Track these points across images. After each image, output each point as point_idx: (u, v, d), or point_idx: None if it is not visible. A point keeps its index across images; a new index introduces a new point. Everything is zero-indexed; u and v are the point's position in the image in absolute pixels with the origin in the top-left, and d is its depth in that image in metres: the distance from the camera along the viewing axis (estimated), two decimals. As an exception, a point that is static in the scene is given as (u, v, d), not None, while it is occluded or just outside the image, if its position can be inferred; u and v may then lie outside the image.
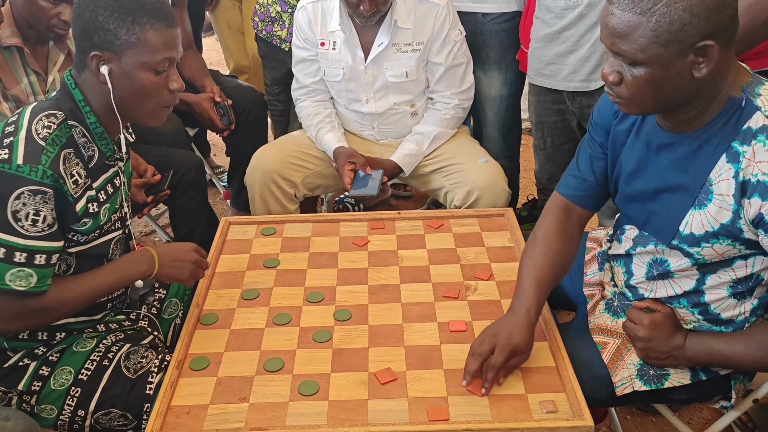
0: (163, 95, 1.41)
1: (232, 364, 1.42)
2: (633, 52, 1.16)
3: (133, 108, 1.42)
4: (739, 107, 1.21)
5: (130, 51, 1.35)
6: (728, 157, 1.22)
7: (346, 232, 1.90)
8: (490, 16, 2.32)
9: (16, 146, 1.31)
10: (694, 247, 1.29)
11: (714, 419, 1.69)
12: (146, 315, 1.66)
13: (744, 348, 1.28)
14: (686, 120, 1.26)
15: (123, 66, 1.36)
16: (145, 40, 1.35)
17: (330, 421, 1.28)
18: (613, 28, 1.17)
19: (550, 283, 1.44)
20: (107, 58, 1.36)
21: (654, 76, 1.17)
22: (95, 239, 1.46)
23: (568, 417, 1.27)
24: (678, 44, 1.13)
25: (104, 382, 1.44)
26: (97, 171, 1.45)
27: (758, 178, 1.18)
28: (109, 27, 1.34)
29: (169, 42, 1.38)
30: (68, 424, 1.45)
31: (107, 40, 1.34)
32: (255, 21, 2.72)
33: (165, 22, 1.37)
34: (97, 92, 1.41)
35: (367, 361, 1.42)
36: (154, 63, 1.37)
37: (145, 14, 1.35)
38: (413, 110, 2.33)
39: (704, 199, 1.26)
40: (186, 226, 2.40)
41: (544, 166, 2.33)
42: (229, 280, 1.71)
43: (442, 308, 1.57)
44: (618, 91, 1.23)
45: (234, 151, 2.83)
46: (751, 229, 1.22)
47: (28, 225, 1.30)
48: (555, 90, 2.15)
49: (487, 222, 1.92)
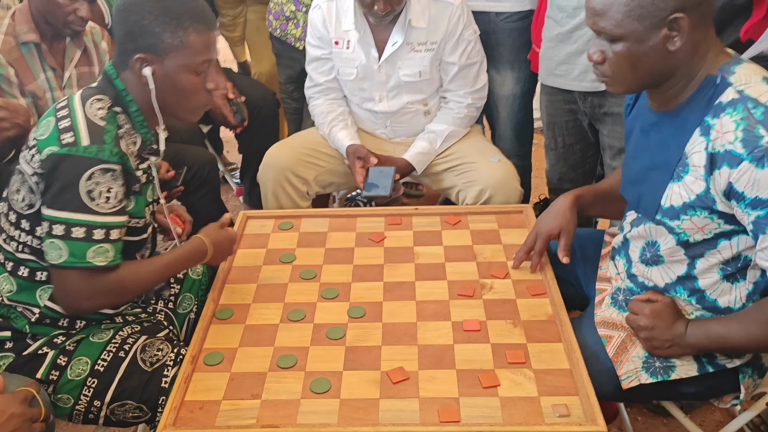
0: (201, 95, 1.46)
1: (245, 360, 1.43)
2: (611, 28, 1.27)
3: (173, 107, 1.47)
4: (715, 84, 1.29)
5: (172, 53, 1.39)
6: (701, 130, 1.29)
7: (362, 228, 1.90)
8: (504, 15, 2.32)
9: (77, 129, 1.36)
10: (674, 221, 1.35)
11: (726, 422, 1.68)
12: (162, 309, 1.67)
13: (740, 327, 1.30)
14: (668, 98, 1.35)
15: (165, 68, 1.40)
16: (188, 42, 1.39)
17: (341, 421, 1.28)
18: (592, 8, 1.29)
19: (611, 187, 1.66)
20: (150, 60, 1.39)
21: (631, 50, 1.28)
22: (145, 231, 1.52)
23: (580, 421, 1.26)
24: (650, 18, 1.24)
25: (120, 374, 1.46)
26: (139, 158, 1.49)
27: (725, 148, 1.23)
28: (154, 30, 1.37)
29: (210, 44, 1.43)
30: (83, 414, 1.46)
31: (152, 43, 1.38)
32: (270, 20, 2.73)
33: (206, 24, 1.41)
34: (137, 91, 1.44)
35: (380, 359, 1.42)
36: (195, 65, 1.41)
37: (188, 18, 1.39)
38: (426, 109, 2.33)
39: (681, 172, 1.33)
40: (199, 222, 2.39)
41: (555, 166, 2.33)
42: (246, 274, 1.71)
43: (457, 307, 1.56)
44: (603, 70, 1.34)
45: (246, 149, 2.84)
46: (723, 201, 1.27)
47: (103, 202, 1.36)
48: (566, 90, 2.14)
49: (505, 219, 1.91)
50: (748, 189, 1.21)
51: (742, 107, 1.23)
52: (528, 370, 1.37)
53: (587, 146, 2.24)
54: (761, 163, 1.19)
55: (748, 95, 1.24)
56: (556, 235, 1.62)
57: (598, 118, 2.10)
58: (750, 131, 1.20)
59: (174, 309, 1.71)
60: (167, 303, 1.70)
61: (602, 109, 2.07)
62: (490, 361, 1.40)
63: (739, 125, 1.22)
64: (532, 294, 1.59)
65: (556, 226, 1.62)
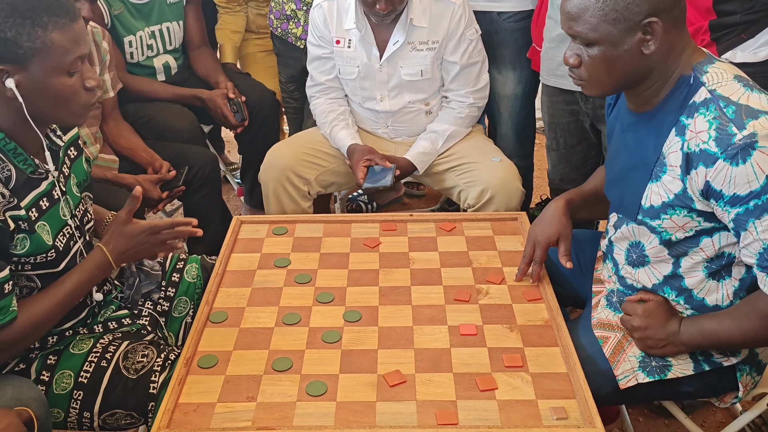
0: (81, 96, 1.30)
1: (240, 363, 1.43)
2: (586, 33, 1.28)
3: (51, 115, 1.31)
4: (688, 84, 1.31)
5: (36, 58, 1.21)
6: (677, 130, 1.31)
7: (357, 233, 1.90)
8: (506, 14, 2.31)
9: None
10: (655, 220, 1.36)
11: (728, 422, 1.68)
12: (149, 313, 1.64)
13: (731, 322, 1.31)
14: (645, 99, 1.36)
15: (31, 75, 1.23)
16: (51, 42, 1.21)
17: (337, 423, 1.28)
18: (568, 12, 1.30)
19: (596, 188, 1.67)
20: (11, 71, 1.22)
21: (606, 54, 1.29)
22: (62, 261, 1.39)
23: (578, 424, 1.26)
24: (625, 22, 1.25)
25: (105, 385, 1.43)
26: (22, 189, 1.32)
27: (700, 147, 1.25)
28: (7, 36, 1.19)
29: (77, 38, 1.25)
30: (77, 423, 1.45)
31: (8, 50, 1.20)
32: (270, 19, 2.73)
33: (68, 17, 1.24)
34: (5, 108, 1.27)
35: (376, 363, 1.42)
36: (65, 65, 1.24)
37: (44, 13, 1.21)
38: (427, 108, 2.33)
39: (659, 172, 1.34)
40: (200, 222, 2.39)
41: (556, 167, 2.32)
42: (240, 278, 1.71)
43: (453, 311, 1.56)
44: (579, 73, 1.36)
45: (246, 149, 2.84)
46: (701, 200, 1.28)
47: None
48: (568, 90, 2.13)
49: (500, 225, 1.91)
50: (726, 187, 1.22)
51: (714, 107, 1.25)
52: (525, 374, 1.37)
53: (589, 147, 2.23)
54: (735, 160, 1.20)
55: (720, 94, 1.25)
56: (554, 242, 1.61)
57: (600, 119, 2.09)
58: (723, 130, 1.22)
59: (169, 312, 1.69)
60: (157, 306, 1.67)
61: (603, 110, 2.05)
62: (487, 364, 1.40)
63: (712, 124, 1.24)
64: (528, 299, 1.59)
65: (554, 232, 1.61)
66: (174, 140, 2.44)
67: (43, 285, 1.39)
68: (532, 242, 1.63)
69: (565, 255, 1.60)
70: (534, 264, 1.62)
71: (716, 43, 1.78)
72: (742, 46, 1.77)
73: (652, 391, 1.45)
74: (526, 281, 1.65)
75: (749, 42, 1.76)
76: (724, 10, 1.75)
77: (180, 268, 1.76)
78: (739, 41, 1.77)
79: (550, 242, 1.61)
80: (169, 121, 2.48)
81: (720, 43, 1.78)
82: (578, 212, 1.67)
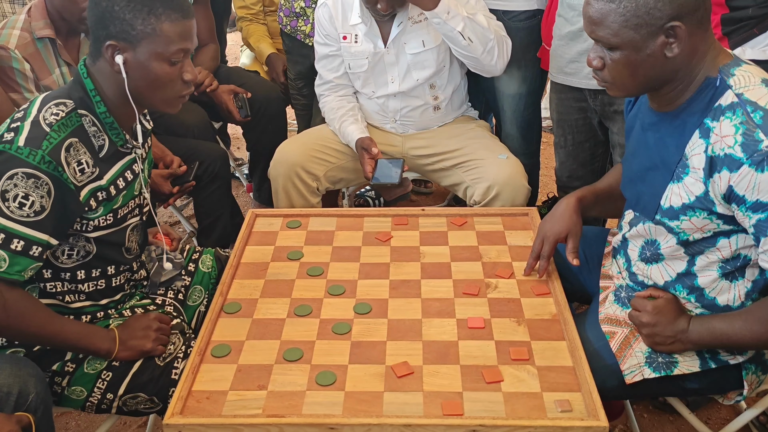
0: (177, 85, 1.42)
1: (252, 353, 1.45)
2: (608, 37, 1.28)
3: (148, 97, 1.43)
4: (714, 86, 1.29)
5: (145, 41, 1.36)
6: (701, 132, 1.30)
7: (369, 227, 1.91)
8: (512, 14, 2.32)
9: (21, 129, 1.34)
10: (674, 221, 1.36)
11: (732, 419, 1.69)
12: (171, 301, 1.69)
13: (743, 324, 1.30)
14: (669, 99, 1.35)
15: (138, 56, 1.37)
16: (161, 30, 1.35)
17: (345, 412, 1.30)
18: (590, 17, 1.30)
19: (611, 186, 1.67)
20: (122, 48, 1.36)
21: (629, 58, 1.28)
22: (112, 226, 1.48)
23: (582, 417, 1.27)
24: (647, 27, 1.24)
25: (135, 368, 1.48)
26: (109, 160, 1.46)
27: (725, 152, 1.24)
28: (125, 17, 1.34)
29: (184, 33, 1.39)
30: (96, 405, 1.49)
31: (123, 29, 1.35)
32: (280, 16, 2.75)
33: (180, 13, 1.37)
34: (111, 81, 1.41)
35: (385, 354, 1.44)
36: (168, 54, 1.37)
37: (161, 5, 1.35)
38: (436, 103, 2.34)
39: (681, 173, 1.34)
40: (210, 217, 2.44)
41: (564, 164, 2.33)
42: (254, 270, 1.73)
43: (462, 305, 1.58)
44: (602, 75, 1.35)
45: (253, 146, 2.86)
46: (722, 203, 1.28)
47: (14, 206, 1.31)
48: (577, 88, 2.15)
49: (510, 221, 1.92)
50: (749, 192, 1.22)
51: (741, 111, 1.24)
52: (531, 367, 1.39)
53: (597, 144, 2.24)
54: (761, 167, 1.19)
55: (747, 98, 1.24)
56: (563, 238, 1.62)
57: (609, 116, 2.10)
58: (749, 135, 1.21)
59: (184, 301, 1.73)
60: (178, 294, 1.72)
61: (612, 107, 2.07)
62: (494, 357, 1.41)
63: (739, 129, 1.23)
64: (536, 293, 1.61)
65: (563, 229, 1.62)
66: (185, 136, 2.47)
67: (98, 251, 1.48)
68: (541, 237, 1.64)
69: (572, 252, 1.61)
70: (541, 259, 1.63)
71: (728, 37, 1.78)
72: (751, 42, 1.76)
73: (657, 386, 1.46)
74: (534, 276, 1.66)
75: (759, 38, 1.76)
76: (737, 4, 1.75)
77: (195, 258, 1.81)
78: (750, 36, 1.76)
79: (558, 238, 1.62)
80: (180, 117, 2.50)
81: (732, 37, 1.77)
82: (590, 210, 1.67)
